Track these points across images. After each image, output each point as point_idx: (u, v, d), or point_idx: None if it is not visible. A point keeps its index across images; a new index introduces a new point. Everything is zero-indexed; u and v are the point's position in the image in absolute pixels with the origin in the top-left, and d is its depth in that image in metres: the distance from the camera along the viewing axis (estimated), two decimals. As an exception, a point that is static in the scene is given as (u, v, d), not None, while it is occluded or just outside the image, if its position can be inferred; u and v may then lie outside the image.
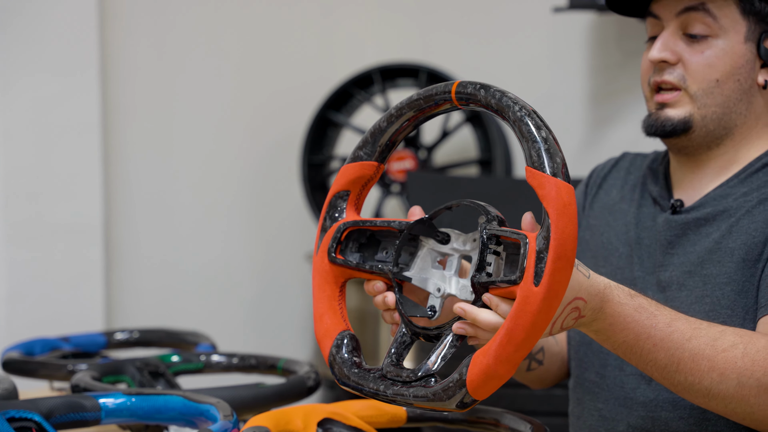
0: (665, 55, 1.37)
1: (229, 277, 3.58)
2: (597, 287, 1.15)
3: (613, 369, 1.40)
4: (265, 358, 1.76)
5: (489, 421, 1.31)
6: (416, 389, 1.08)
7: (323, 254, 1.21)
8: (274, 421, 1.28)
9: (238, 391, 1.49)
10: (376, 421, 1.36)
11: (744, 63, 1.36)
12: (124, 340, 2.05)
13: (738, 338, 1.20)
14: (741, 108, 1.37)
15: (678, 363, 1.19)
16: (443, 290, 1.14)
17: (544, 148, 1.03)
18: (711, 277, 1.33)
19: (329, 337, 1.19)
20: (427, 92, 1.14)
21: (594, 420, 1.42)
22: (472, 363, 1.03)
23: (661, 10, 1.39)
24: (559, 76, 3.28)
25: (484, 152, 3.26)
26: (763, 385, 1.18)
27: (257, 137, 3.62)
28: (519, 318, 1.01)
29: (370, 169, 1.20)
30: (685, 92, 1.37)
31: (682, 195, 1.44)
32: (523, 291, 1.01)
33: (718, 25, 1.35)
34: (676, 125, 1.37)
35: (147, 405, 1.36)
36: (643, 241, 1.44)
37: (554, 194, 1.01)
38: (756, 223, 1.32)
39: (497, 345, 1.02)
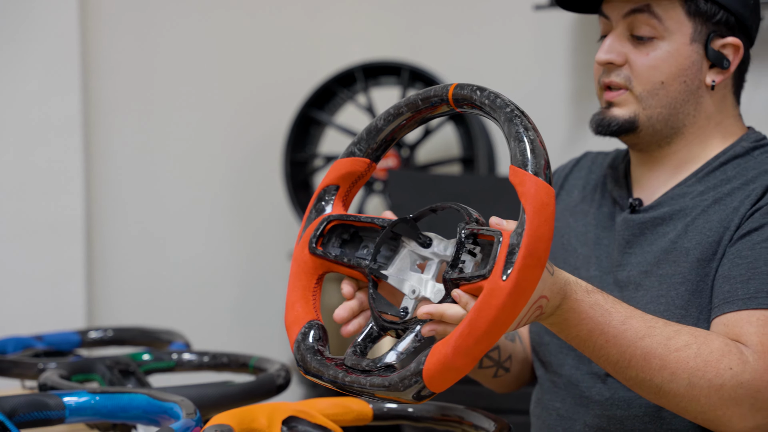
0: (611, 57, 1.38)
1: (212, 276, 3.57)
2: (559, 284, 1.15)
3: (570, 368, 1.41)
4: (236, 357, 1.75)
5: (453, 419, 1.31)
6: (373, 378, 1.07)
7: (304, 245, 1.21)
8: (238, 419, 1.27)
9: (206, 390, 1.48)
10: (342, 419, 1.35)
11: (690, 64, 1.36)
12: (98, 339, 2.05)
13: (692, 338, 1.20)
14: (689, 109, 1.37)
15: (630, 360, 1.19)
16: (418, 292, 1.14)
17: (530, 148, 1.04)
18: (666, 276, 1.33)
19: (297, 324, 1.18)
20: (426, 93, 1.15)
21: (552, 419, 1.43)
22: (431, 353, 1.02)
23: (609, 11, 1.39)
24: (543, 73, 3.27)
25: (467, 150, 3.25)
26: (714, 386, 1.18)
27: (240, 135, 3.61)
28: (482, 310, 1.00)
29: (361, 166, 1.20)
30: (631, 92, 1.38)
31: (641, 194, 1.44)
32: (490, 284, 1.00)
33: (663, 27, 1.35)
34: (621, 124, 1.38)
35: (111, 403, 1.35)
36: (602, 241, 1.44)
37: (533, 192, 1.02)
38: (711, 222, 1.32)
39: (457, 335, 1.01)
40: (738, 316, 1.24)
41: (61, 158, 3.14)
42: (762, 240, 1.27)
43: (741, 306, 1.24)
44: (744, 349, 1.21)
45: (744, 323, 1.23)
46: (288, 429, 1.29)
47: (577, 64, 3.20)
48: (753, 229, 1.28)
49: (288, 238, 3.63)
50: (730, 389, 1.18)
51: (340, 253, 1.20)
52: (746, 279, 1.25)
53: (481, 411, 1.29)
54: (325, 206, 1.22)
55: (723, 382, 1.18)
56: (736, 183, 1.34)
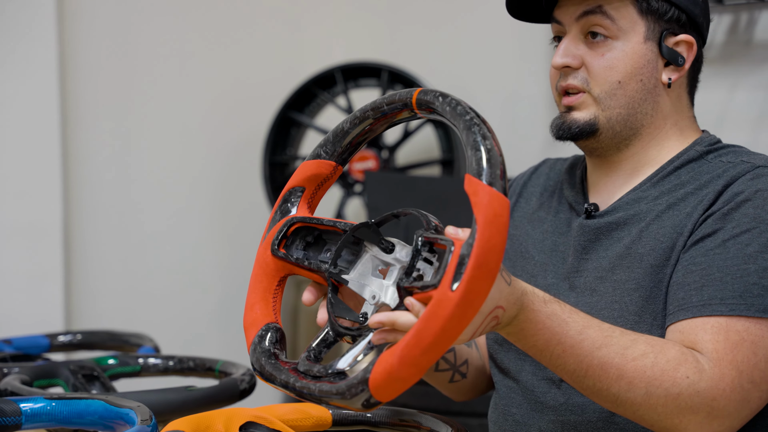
0: (567, 60, 1.37)
1: (192, 278, 3.56)
2: (516, 294, 1.14)
3: (527, 374, 1.40)
4: (203, 361, 1.75)
5: (411, 424, 1.30)
6: (322, 384, 1.07)
7: (266, 246, 1.20)
8: (194, 425, 1.26)
9: (166, 395, 1.47)
10: (301, 424, 1.33)
11: (645, 63, 1.35)
12: (66, 343, 2.03)
13: (649, 348, 1.19)
14: (646, 108, 1.37)
15: (587, 369, 1.18)
16: (378, 298, 1.13)
17: (486, 158, 1.02)
18: (620, 282, 1.32)
19: (255, 326, 1.18)
20: (391, 97, 1.15)
21: (509, 425, 1.42)
22: (378, 362, 1.01)
23: (562, 15, 1.39)
24: (522, 76, 3.26)
25: (446, 152, 3.24)
26: (671, 394, 1.17)
27: (220, 137, 3.59)
28: (429, 321, 0.98)
29: (327, 168, 1.20)
30: (589, 94, 1.37)
31: (597, 199, 1.43)
32: (439, 295, 0.99)
33: (616, 27, 1.35)
34: (582, 127, 1.37)
35: (67, 410, 1.34)
36: (559, 247, 1.43)
37: (486, 203, 1.00)
38: (664, 228, 1.31)
39: (404, 345, 0.99)
40: (693, 324, 1.23)
41: (39, 160, 3.13)
42: (715, 246, 1.26)
43: (695, 313, 1.23)
44: (700, 357, 1.20)
45: (699, 331, 1.22)
46: (245, 435, 1.28)
47: (557, 66, 3.19)
48: (706, 235, 1.27)
49: (268, 241, 3.62)
50: (687, 398, 1.18)
51: (302, 256, 1.19)
52: (700, 286, 1.24)
53: (438, 416, 1.28)
54: (290, 208, 1.21)
55: (680, 391, 1.17)
56: (690, 188, 1.33)
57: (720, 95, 2.72)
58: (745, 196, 1.27)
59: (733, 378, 1.18)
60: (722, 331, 1.20)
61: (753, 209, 1.26)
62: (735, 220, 1.26)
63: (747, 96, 2.68)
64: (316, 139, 3.48)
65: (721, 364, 1.19)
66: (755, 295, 1.21)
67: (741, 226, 1.25)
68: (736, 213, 1.26)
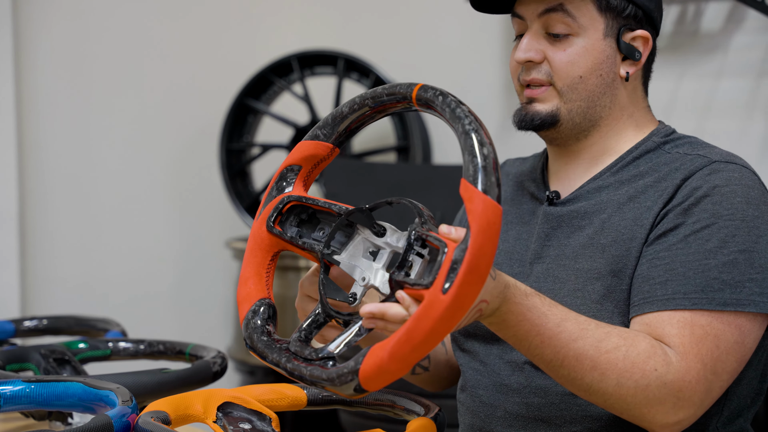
0: (530, 55, 1.42)
1: (149, 265, 3.56)
2: (499, 288, 1.19)
3: (494, 358, 1.45)
4: (172, 344, 1.76)
5: (386, 403, 1.34)
6: (313, 369, 1.10)
7: (262, 222, 1.23)
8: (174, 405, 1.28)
9: (141, 377, 1.49)
10: (277, 404, 1.37)
11: (605, 58, 1.41)
12: (33, 328, 2.04)
13: (621, 341, 1.25)
14: (605, 101, 1.42)
15: (563, 360, 1.24)
16: (367, 280, 1.17)
17: (482, 165, 1.05)
18: (583, 271, 1.37)
19: (249, 301, 1.21)
20: (391, 88, 1.18)
21: (476, 406, 1.47)
22: (369, 354, 1.05)
23: (524, 11, 1.43)
24: (474, 63, 3.32)
25: (401, 140, 3.28)
26: (640, 386, 1.23)
27: (176, 124, 3.60)
28: (420, 321, 1.02)
29: (324, 150, 1.23)
30: (553, 87, 1.42)
31: (558, 186, 1.48)
32: (430, 296, 1.02)
33: (577, 24, 1.40)
34: (543, 119, 1.42)
35: (46, 392, 1.36)
36: (522, 236, 1.48)
37: (480, 210, 1.03)
38: (626, 220, 1.37)
39: (395, 342, 1.03)
40: (659, 317, 1.29)
41: (-7, 147, 3.12)
42: (677, 241, 1.31)
43: (660, 306, 1.29)
44: (668, 350, 1.26)
45: (665, 325, 1.28)
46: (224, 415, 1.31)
47: (508, 55, 3.24)
48: (668, 230, 1.33)
49: (226, 226, 3.64)
50: (655, 389, 1.23)
51: (295, 234, 1.23)
52: (664, 280, 1.30)
53: (412, 396, 1.32)
54: (286, 186, 1.24)
55: (648, 383, 1.23)
56: (649, 180, 1.39)
57: (668, 84, 2.79)
58: (704, 191, 1.32)
59: (698, 370, 1.24)
60: (687, 325, 1.26)
61: (711, 205, 1.31)
62: (695, 215, 1.32)
63: (694, 85, 2.76)
64: (272, 126, 3.51)
65: (687, 358, 1.25)
66: (716, 289, 1.27)
67: (701, 221, 1.31)
68: (696, 209, 1.32)
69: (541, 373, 1.39)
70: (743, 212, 1.31)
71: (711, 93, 2.74)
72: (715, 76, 2.73)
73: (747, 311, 1.27)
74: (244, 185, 3.43)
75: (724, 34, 2.69)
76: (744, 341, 1.28)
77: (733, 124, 2.69)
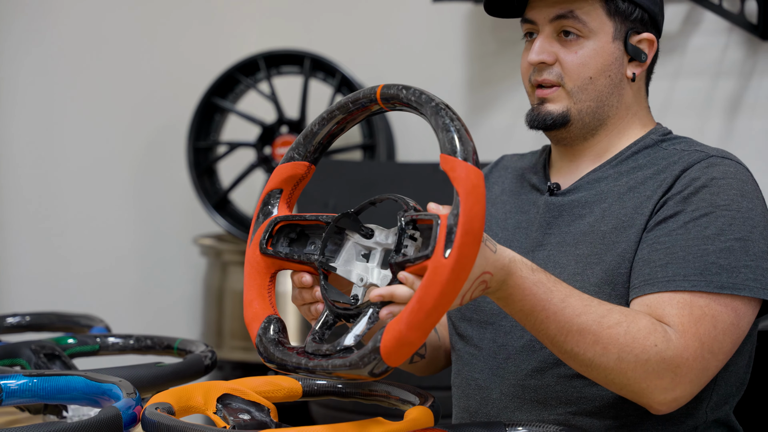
0: (543, 57, 1.49)
1: (116, 262, 3.58)
2: (502, 261, 1.25)
3: (489, 342, 1.51)
4: (161, 339, 1.80)
5: (381, 394, 1.39)
6: (334, 360, 1.16)
7: (255, 246, 1.30)
8: (176, 398, 1.33)
9: (137, 371, 1.53)
10: (274, 395, 1.42)
11: (613, 60, 1.49)
12: (15, 324, 2.04)
13: (623, 317, 1.32)
14: (613, 101, 1.50)
15: (566, 335, 1.31)
16: (365, 280, 1.24)
17: (457, 137, 1.13)
18: (583, 257, 1.44)
19: (257, 320, 1.27)
20: (355, 96, 1.25)
21: (471, 389, 1.53)
22: (386, 331, 1.11)
23: (535, 16, 1.50)
24: (438, 63, 3.37)
25: (367, 138, 3.34)
26: (640, 360, 1.30)
27: (143, 123, 3.61)
28: (429, 287, 1.09)
29: (302, 169, 1.30)
30: (563, 88, 1.49)
31: (559, 180, 1.55)
32: (434, 263, 1.09)
33: (587, 29, 1.47)
34: (555, 119, 1.49)
35: (49, 385, 1.39)
36: (522, 224, 1.55)
37: (464, 176, 1.11)
38: (626, 209, 1.44)
39: (409, 312, 1.10)
40: (659, 298, 1.36)
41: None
42: (677, 227, 1.39)
43: (661, 288, 1.36)
44: (667, 328, 1.33)
45: (665, 305, 1.35)
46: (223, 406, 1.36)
47: (471, 54, 3.31)
48: (668, 216, 1.40)
49: (193, 224, 3.66)
50: (654, 364, 1.30)
51: (289, 251, 1.29)
52: (665, 263, 1.37)
53: (407, 386, 1.37)
54: (272, 209, 1.31)
55: (648, 357, 1.30)
56: (648, 172, 1.46)
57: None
58: (702, 182, 1.41)
59: (695, 348, 1.32)
60: (687, 306, 1.34)
61: (709, 195, 1.40)
62: (694, 203, 1.40)
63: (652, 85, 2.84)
64: (238, 124, 3.54)
65: (686, 336, 1.32)
66: (714, 273, 1.35)
67: (700, 209, 1.39)
68: (695, 197, 1.40)
69: (537, 356, 1.46)
70: (738, 204, 1.39)
71: (669, 93, 2.82)
72: (672, 76, 2.81)
73: (743, 295, 1.35)
74: (212, 183, 3.47)
75: (681, 35, 2.78)
76: (739, 323, 1.35)
77: (690, 123, 2.78)
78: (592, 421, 1.43)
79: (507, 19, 1.56)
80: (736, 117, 2.73)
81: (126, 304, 3.57)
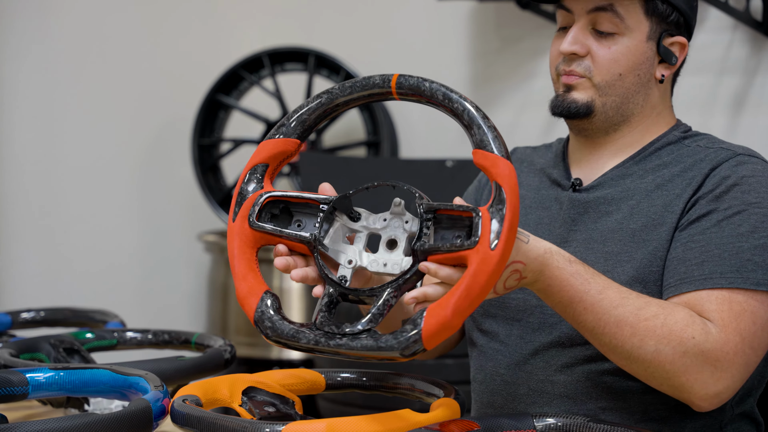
0: (575, 48, 1.49)
1: (120, 260, 3.58)
2: (536, 251, 1.29)
3: (515, 338, 1.52)
4: (178, 333, 1.81)
5: (405, 387, 1.40)
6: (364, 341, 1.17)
7: (243, 220, 1.27)
8: (203, 390, 1.34)
9: (160, 364, 1.54)
10: (297, 388, 1.43)
11: (645, 60, 1.50)
12: (30, 319, 2.06)
13: (660, 309, 1.34)
14: (639, 99, 1.51)
15: (604, 326, 1.33)
16: (355, 262, 1.25)
17: (494, 135, 1.19)
18: (612, 254, 1.46)
19: (254, 295, 1.24)
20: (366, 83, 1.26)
21: (497, 385, 1.54)
22: (428, 315, 1.15)
23: (573, 5, 1.51)
24: (441, 60, 3.39)
25: (371, 134, 3.35)
26: (678, 352, 1.32)
27: (145, 120, 3.62)
28: (477, 276, 1.14)
29: (292, 146, 1.29)
30: (590, 80, 1.50)
31: (579, 174, 1.56)
32: (480, 253, 1.14)
33: (624, 25, 1.48)
34: (579, 108, 1.50)
35: (75, 378, 1.40)
36: (543, 220, 1.56)
37: (508, 173, 1.17)
38: (655, 207, 1.46)
39: (456, 298, 1.14)
40: (697, 296, 1.37)
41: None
42: (711, 225, 1.40)
43: (698, 286, 1.37)
44: (707, 322, 1.34)
45: (704, 302, 1.36)
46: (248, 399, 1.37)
47: (474, 52, 3.33)
48: (702, 215, 1.42)
49: (197, 221, 3.67)
50: (693, 356, 1.32)
51: (277, 227, 1.27)
52: (700, 261, 1.39)
53: (431, 379, 1.39)
54: (258, 183, 1.28)
55: (686, 350, 1.32)
56: (675, 169, 1.48)
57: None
58: (733, 180, 1.43)
59: (736, 343, 1.33)
60: (726, 302, 1.35)
61: (741, 193, 1.41)
62: (726, 201, 1.41)
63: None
64: (241, 121, 3.55)
65: (726, 330, 1.33)
66: (750, 270, 1.37)
67: (733, 207, 1.41)
68: (727, 196, 1.42)
69: (567, 352, 1.47)
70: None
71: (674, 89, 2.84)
72: (676, 73, 2.83)
73: None
74: (216, 180, 3.48)
75: (685, 33, 2.80)
76: None
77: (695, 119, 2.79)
78: (622, 416, 1.45)
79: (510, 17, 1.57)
80: (740, 114, 2.75)
81: (130, 300, 3.58)
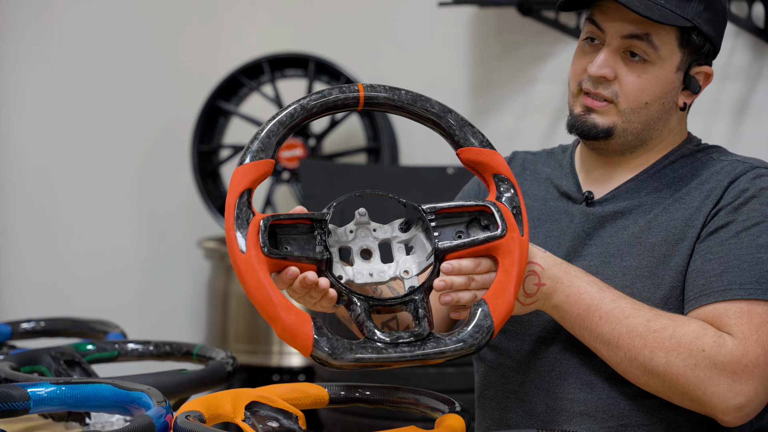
0: (605, 72, 1.45)
1: (120, 266, 3.57)
2: (554, 259, 1.34)
3: (528, 354, 1.50)
4: (179, 345, 1.79)
5: (409, 401, 1.39)
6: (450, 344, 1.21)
7: (256, 249, 1.23)
8: (205, 405, 1.33)
9: (162, 378, 1.53)
10: (301, 402, 1.41)
11: (671, 89, 1.47)
12: (30, 330, 2.04)
13: (670, 321, 1.34)
14: (659, 125, 1.49)
15: (618, 338, 1.34)
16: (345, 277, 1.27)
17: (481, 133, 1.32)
18: (630, 269, 1.44)
19: (306, 323, 1.21)
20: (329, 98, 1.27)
21: (510, 402, 1.51)
22: (493, 306, 1.23)
23: (607, 26, 1.46)
24: (442, 66, 3.38)
25: (372, 141, 3.34)
26: (688, 365, 1.32)
27: (145, 126, 3.61)
28: (521, 261, 1.26)
29: (271, 167, 1.27)
30: (615, 106, 1.47)
31: (590, 186, 1.54)
32: (515, 240, 1.26)
33: (657, 55, 1.44)
34: (600, 132, 1.47)
35: (77, 393, 1.39)
36: (553, 233, 1.53)
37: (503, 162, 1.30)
38: (674, 220, 1.45)
39: (513, 285, 1.24)
40: (718, 308, 1.36)
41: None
42: (730, 237, 1.40)
43: (718, 297, 1.37)
44: (725, 335, 1.33)
45: (723, 316, 1.35)
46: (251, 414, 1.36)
47: (475, 58, 3.32)
48: (720, 227, 1.41)
49: (196, 227, 3.66)
50: (705, 369, 1.31)
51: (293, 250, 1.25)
52: (719, 272, 1.38)
53: (435, 393, 1.37)
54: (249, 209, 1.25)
55: (696, 362, 1.31)
56: (692, 183, 1.47)
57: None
58: (752, 192, 1.42)
59: (758, 355, 1.32)
60: (745, 314, 1.35)
61: (759, 205, 1.41)
62: (745, 213, 1.41)
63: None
64: (242, 127, 3.54)
65: (746, 343, 1.33)
66: None
67: (751, 219, 1.40)
68: (745, 207, 1.41)
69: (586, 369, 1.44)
70: None
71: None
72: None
73: None
74: (216, 186, 3.47)
75: (686, 40, 2.79)
76: None
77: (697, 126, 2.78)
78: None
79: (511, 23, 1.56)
80: (742, 120, 2.74)
81: (129, 306, 3.56)
